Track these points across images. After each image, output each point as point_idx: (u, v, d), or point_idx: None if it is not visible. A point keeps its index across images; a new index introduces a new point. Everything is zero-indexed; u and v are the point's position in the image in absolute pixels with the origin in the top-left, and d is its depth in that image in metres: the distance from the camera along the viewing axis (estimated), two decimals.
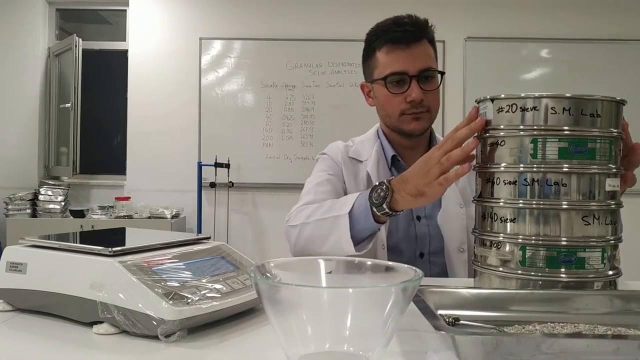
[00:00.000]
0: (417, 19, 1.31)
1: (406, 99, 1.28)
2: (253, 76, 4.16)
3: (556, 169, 0.84)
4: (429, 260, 1.32)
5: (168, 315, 0.66)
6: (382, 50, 1.30)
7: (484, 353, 0.58)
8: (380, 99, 1.34)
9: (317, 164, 1.45)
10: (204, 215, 4.06)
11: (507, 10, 4.13)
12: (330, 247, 1.13)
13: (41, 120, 4.34)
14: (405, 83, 1.27)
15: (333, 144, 1.47)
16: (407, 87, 1.27)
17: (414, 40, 1.27)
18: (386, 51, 1.29)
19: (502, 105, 0.88)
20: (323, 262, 0.69)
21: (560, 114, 0.84)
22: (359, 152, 1.42)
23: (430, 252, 1.33)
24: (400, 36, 1.27)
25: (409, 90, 1.27)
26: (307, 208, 1.23)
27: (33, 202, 3.98)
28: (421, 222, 1.34)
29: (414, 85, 1.26)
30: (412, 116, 1.30)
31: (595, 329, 0.71)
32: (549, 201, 0.84)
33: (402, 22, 1.29)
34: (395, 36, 1.28)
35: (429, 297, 0.75)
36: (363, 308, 0.55)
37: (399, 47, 1.28)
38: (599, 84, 4.09)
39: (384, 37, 1.29)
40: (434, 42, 1.33)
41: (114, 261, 0.71)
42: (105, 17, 4.65)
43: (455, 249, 1.31)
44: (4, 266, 0.79)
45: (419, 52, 1.28)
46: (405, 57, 1.27)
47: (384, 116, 1.37)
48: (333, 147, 1.46)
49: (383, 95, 1.31)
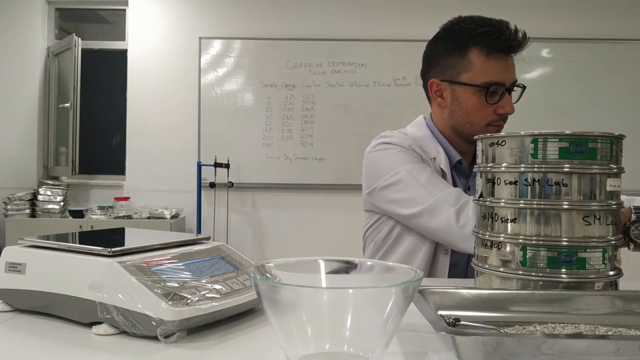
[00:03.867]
0: (518, 29, 1.26)
1: (496, 111, 1.25)
2: (253, 76, 4.16)
3: (557, 169, 0.84)
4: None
5: (167, 315, 0.66)
6: (481, 53, 1.22)
7: (484, 354, 0.58)
8: (466, 104, 1.27)
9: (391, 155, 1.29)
10: (204, 215, 4.06)
11: (508, 10, 4.12)
12: None
13: (40, 120, 4.34)
14: (498, 94, 1.24)
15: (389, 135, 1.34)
16: (499, 98, 1.24)
17: (512, 52, 1.24)
18: (486, 56, 1.22)
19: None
20: (323, 263, 0.69)
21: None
22: (424, 148, 1.33)
23: None
24: (505, 44, 1.22)
25: (503, 102, 1.24)
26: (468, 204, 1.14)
27: (32, 202, 3.98)
28: None
29: (508, 99, 1.24)
30: (496, 127, 1.27)
31: (596, 330, 0.71)
32: (550, 201, 0.84)
33: (510, 31, 1.23)
34: (503, 44, 1.22)
35: (429, 298, 0.75)
36: (363, 308, 0.55)
37: (500, 55, 1.23)
38: (599, 84, 4.09)
39: (486, 40, 1.22)
40: None
41: (113, 261, 0.71)
42: (104, 16, 4.64)
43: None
44: (3, 266, 0.79)
45: (512, 63, 1.25)
46: (505, 68, 1.23)
47: (464, 122, 1.29)
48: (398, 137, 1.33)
49: (473, 102, 1.25)
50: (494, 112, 1.25)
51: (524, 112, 4.69)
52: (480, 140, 0.93)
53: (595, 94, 4.08)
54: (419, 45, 1.77)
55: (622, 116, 4.07)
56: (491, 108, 1.25)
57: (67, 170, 4.13)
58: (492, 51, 1.22)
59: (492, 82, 1.22)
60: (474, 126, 1.28)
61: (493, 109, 1.25)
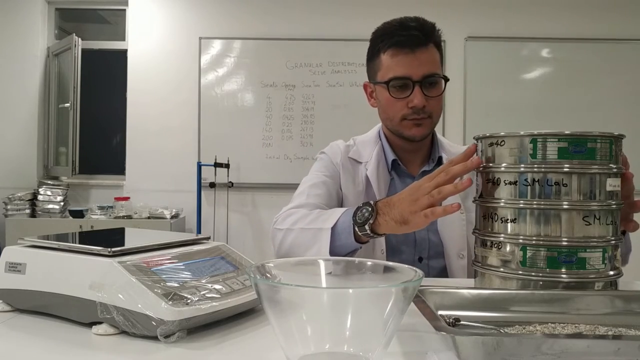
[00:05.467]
0: (425, 23, 1.27)
1: (408, 105, 1.26)
2: (253, 76, 4.15)
3: (557, 169, 0.84)
4: (427, 264, 1.32)
5: (167, 315, 0.66)
6: (387, 52, 1.27)
7: (484, 354, 0.58)
8: (382, 102, 1.32)
9: (315, 162, 1.44)
10: (204, 215, 4.06)
11: (508, 10, 4.13)
12: None
13: (40, 120, 4.34)
14: (408, 88, 1.25)
15: (334, 144, 1.45)
16: (410, 92, 1.25)
17: (419, 45, 1.25)
18: (391, 54, 1.26)
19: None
20: (323, 263, 0.69)
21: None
22: (360, 153, 1.40)
23: (430, 256, 1.32)
24: (405, 40, 1.24)
25: (412, 95, 1.25)
26: (296, 213, 1.23)
27: (32, 202, 3.98)
28: None
29: (417, 91, 1.24)
30: (413, 122, 1.28)
31: (596, 330, 0.71)
32: (550, 201, 0.84)
33: (409, 26, 1.26)
34: (401, 40, 1.25)
35: (429, 298, 0.75)
36: (363, 308, 0.55)
37: (404, 51, 1.25)
38: (599, 84, 4.09)
39: (389, 39, 1.26)
40: (440, 46, 1.31)
41: (113, 261, 0.71)
42: (104, 16, 4.64)
43: (454, 255, 1.30)
44: (3, 266, 0.79)
45: (424, 57, 1.25)
46: (409, 62, 1.25)
47: (385, 119, 1.35)
48: (334, 147, 1.44)
49: (385, 98, 1.30)
50: (407, 106, 1.27)
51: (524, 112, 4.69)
52: (480, 140, 0.93)
53: (595, 94, 4.09)
54: None
55: (622, 116, 4.07)
56: (403, 102, 1.27)
57: (67, 170, 4.13)
58: (395, 48, 1.26)
59: (394, 77, 1.26)
60: (392, 121, 1.32)
61: (405, 103, 1.27)
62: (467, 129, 4.05)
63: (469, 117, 4.08)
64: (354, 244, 1.07)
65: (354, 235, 1.06)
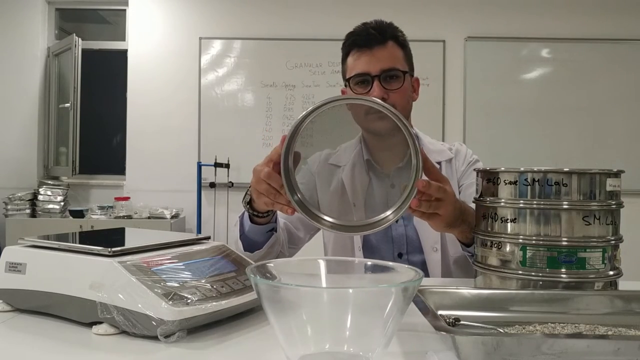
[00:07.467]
0: (381, 23, 1.35)
1: None
2: (253, 76, 4.15)
3: (557, 169, 0.84)
4: (407, 260, 1.35)
5: (167, 315, 0.66)
6: (350, 54, 1.35)
7: (484, 353, 0.58)
8: None
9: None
10: (204, 215, 4.06)
11: (508, 10, 4.13)
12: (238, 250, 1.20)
13: (40, 120, 4.34)
14: (368, 83, 1.31)
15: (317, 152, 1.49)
16: (370, 87, 1.31)
17: (377, 43, 1.32)
18: (353, 55, 1.34)
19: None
20: (323, 263, 0.69)
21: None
22: (340, 158, 1.42)
23: (408, 252, 1.36)
24: (363, 40, 1.32)
25: (371, 90, 1.30)
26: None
27: (32, 202, 3.98)
28: (398, 223, 1.36)
29: (375, 85, 1.30)
30: (376, 115, 1.31)
31: (595, 330, 0.71)
32: (550, 201, 0.84)
33: (367, 27, 1.34)
34: (358, 40, 1.33)
35: (429, 298, 0.75)
36: (363, 308, 0.55)
37: (363, 50, 1.32)
38: (599, 84, 4.09)
39: (351, 42, 1.35)
40: (403, 44, 1.36)
41: (113, 261, 0.71)
42: (104, 16, 4.64)
43: (429, 248, 1.34)
44: (4, 266, 0.79)
45: (382, 54, 1.32)
46: (368, 59, 1.31)
47: (354, 117, 1.38)
48: (314, 156, 1.48)
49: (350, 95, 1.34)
50: None
51: (524, 112, 4.67)
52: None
53: (595, 94, 4.09)
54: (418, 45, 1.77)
55: (622, 116, 4.07)
56: None
57: (67, 170, 4.13)
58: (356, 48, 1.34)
59: (354, 75, 1.33)
60: (359, 117, 1.35)
61: None
62: (467, 129, 4.05)
63: (469, 117, 4.08)
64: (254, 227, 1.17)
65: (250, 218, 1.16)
